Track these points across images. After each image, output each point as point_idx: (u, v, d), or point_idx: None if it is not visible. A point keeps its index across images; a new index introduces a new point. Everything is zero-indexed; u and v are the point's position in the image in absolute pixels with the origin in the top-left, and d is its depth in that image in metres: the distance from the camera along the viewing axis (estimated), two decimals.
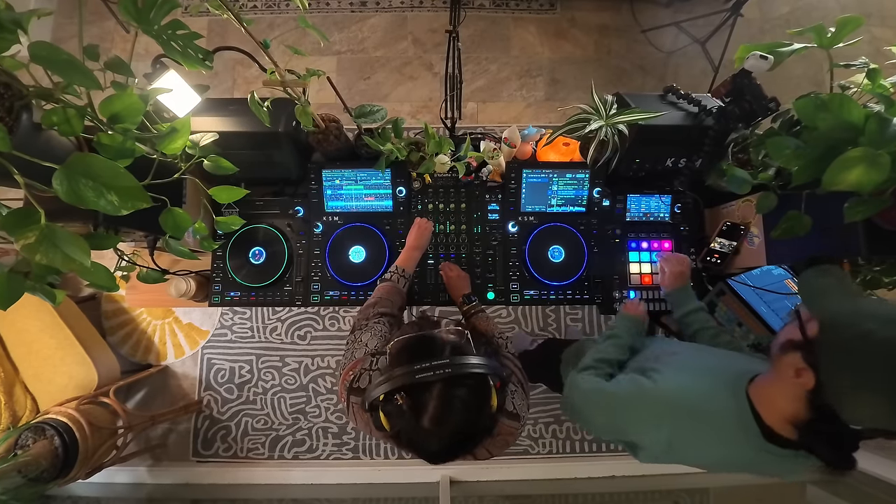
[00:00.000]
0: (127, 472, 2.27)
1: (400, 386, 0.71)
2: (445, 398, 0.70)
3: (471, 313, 1.24)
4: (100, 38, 2.70)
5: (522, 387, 0.98)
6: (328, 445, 2.35)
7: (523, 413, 0.92)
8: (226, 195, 0.99)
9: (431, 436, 0.70)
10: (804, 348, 0.71)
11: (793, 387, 0.73)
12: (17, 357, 1.95)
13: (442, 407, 0.70)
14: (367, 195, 1.44)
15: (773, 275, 1.33)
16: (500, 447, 0.89)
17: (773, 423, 0.78)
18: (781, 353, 0.76)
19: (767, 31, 2.81)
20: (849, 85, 1.04)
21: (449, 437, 0.71)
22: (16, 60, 0.70)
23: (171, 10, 0.75)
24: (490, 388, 0.74)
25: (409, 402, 0.71)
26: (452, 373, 0.71)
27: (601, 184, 1.43)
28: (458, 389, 0.71)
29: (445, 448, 0.73)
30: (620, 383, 0.98)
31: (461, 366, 0.72)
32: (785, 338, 0.77)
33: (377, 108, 1.26)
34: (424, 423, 0.69)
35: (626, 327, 1.20)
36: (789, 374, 0.73)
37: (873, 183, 0.78)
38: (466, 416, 0.72)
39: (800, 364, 0.71)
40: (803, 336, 0.72)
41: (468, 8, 2.73)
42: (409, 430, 0.71)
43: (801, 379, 0.71)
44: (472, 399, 0.72)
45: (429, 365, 0.71)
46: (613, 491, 2.25)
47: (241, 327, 2.44)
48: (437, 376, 0.70)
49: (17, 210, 0.63)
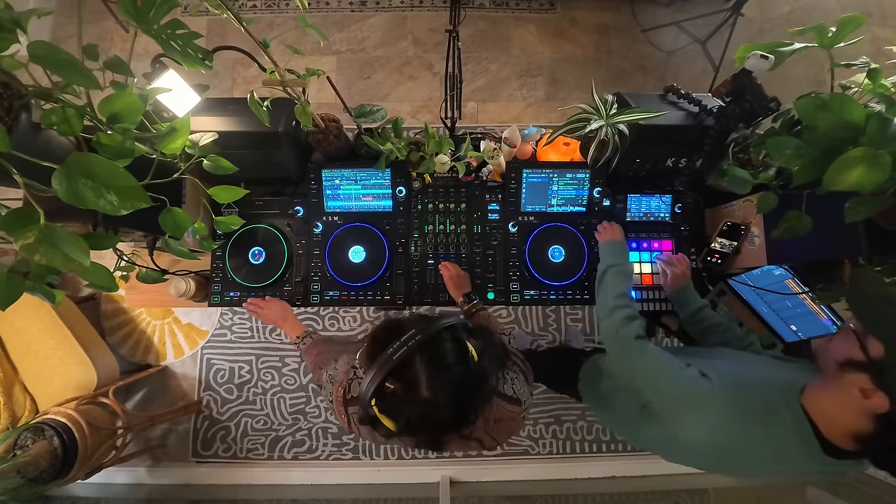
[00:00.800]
0: (126, 472, 2.27)
1: (385, 374, 0.71)
2: (430, 361, 0.72)
3: (472, 312, 1.24)
4: (99, 37, 2.70)
5: (524, 374, 0.99)
6: (328, 446, 2.35)
7: (524, 398, 0.93)
8: (225, 195, 0.99)
9: (436, 402, 0.71)
10: (871, 370, 0.69)
11: (859, 405, 0.70)
12: (17, 357, 1.94)
13: (431, 369, 0.71)
14: (367, 195, 1.44)
15: (773, 275, 1.32)
16: (505, 433, 0.90)
17: (832, 437, 0.76)
18: (842, 371, 0.73)
19: (768, 30, 2.81)
20: (850, 85, 1.04)
21: (452, 397, 0.72)
22: (15, 60, 0.69)
23: (171, 10, 0.75)
24: (463, 338, 0.77)
25: (401, 384, 0.72)
26: (423, 337, 0.73)
27: (601, 184, 1.43)
28: (438, 347, 0.73)
29: (455, 409, 0.73)
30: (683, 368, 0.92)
31: (427, 328, 0.74)
32: (844, 355, 0.74)
33: (377, 107, 1.26)
34: (423, 392, 0.70)
35: (615, 256, 1.19)
36: (854, 393, 0.70)
37: (874, 183, 0.78)
38: (457, 367, 0.73)
39: (867, 385, 0.69)
40: (866, 356, 0.70)
41: (468, 7, 2.73)
42: (414, 409, 0.72)
43: (871, 400, 0.69)
44: (453, 351, 0.74)
45: (400, 342, 0.72)
46: (614, 491, 2.25)
47: (241, 327, 2.43)
48: (411, 347, 0.72)
49: (16, 210, 0.63)
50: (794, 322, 1.39)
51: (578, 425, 2.37)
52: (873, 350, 0.69)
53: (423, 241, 1.45)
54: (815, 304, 1.30)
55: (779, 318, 1.41)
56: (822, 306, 1.30)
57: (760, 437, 0.82)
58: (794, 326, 1.39)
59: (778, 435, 0.80)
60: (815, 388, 0.80)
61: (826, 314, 1.30)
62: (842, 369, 0.73)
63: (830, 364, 0.76)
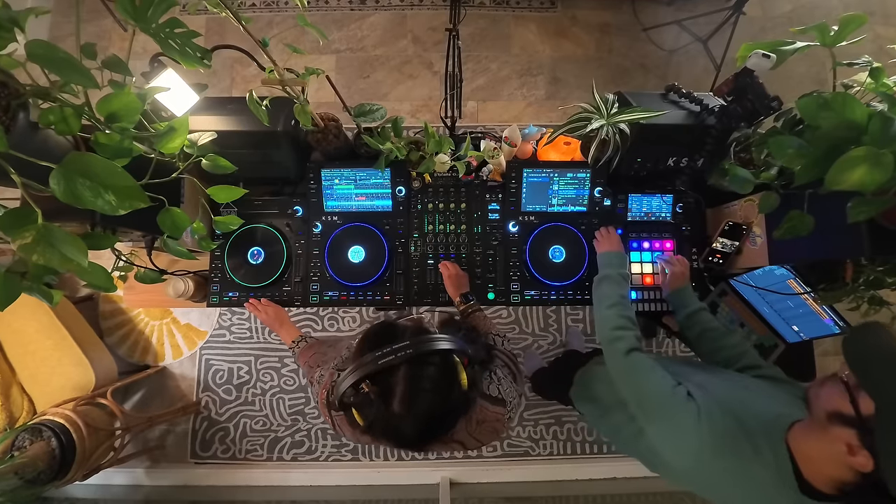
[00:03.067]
0: (124, 473, 2.26)
1: (364, 375, 0.70)
2: (412, 379, 0.70)
3: (469, 312, 1.23)
4: (97, 36, 2.68)
5: (513, 375, 0.97)
6: (327, 447, 2.34)
7: (510, 399, 0.91)
8: (224, 195, 0.99)
9: (404, 420, 0.70)
10: (859, 427, 0.67)
11: (843, 459, 0.68)
12: (14, 358, 1.94)
13: (410, 388, 0.70)
14: (367, 195, 1.44)
15: (775, 275, 1.32)
16: (489, 434, 0.88)
17: (813, 480, 0.75)
18: (829, 423, 0.71)
19: (770, 29, 2.81)
20: (852, 84, 1.03)
21: (422, 419, 0.71)
22: (12, 59, 0.69)
23: (169, 9, 0.74)
24: (456, 364, 0.74)
25: (377, 389, 0.71)
26: (415, 353, 0.71)
27: (602, 183, 1.42)
28: (424, 369, 0.72)
29: (421, 431, 0.72)
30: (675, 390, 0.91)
31: (422, 344, 0.72)
32: (831, 407, 0.71)
33: (376, 106, 1.25)
34: (395, 407, 0.69)
35: (610, 265, 1.19)
36: (839, 447, 0.68)
37: (876, 182, 0.78)
38: (436, 395, 0.72)
39: (854, 442, 0.67)
40: (856, 412, 0.67)
41: (468, 6, 2.72)
42: (382, 418, 0.71)
43: (856, 458, 0.66)
44: (439, 377, 0.73)
45: (390, 349, 0.71)
46: (614, 493, 2.24)
47: (240, 328, 2.43)
48: (399, 358, 0.70)
49: (13, 210, 0.62)
50: (796, 322, 1.38)
51: (579, 426, 2.36)
52: (863, 406, 0.66)
53: (423, 241, 1.44)
54: (817, 304, 1.30)
55: (780, 319, 1.41)
56: (823, 306, 1.30)
57: (739, 472, 0.80)
58: (796, 327, 1.39)
59: (757, 471, 0.79)
60: (803, 428, 0.79)
61: (828, 314, 1.30)
62: (830, 421, 0.71)
63: (819, 411, 0.74)
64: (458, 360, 0.75)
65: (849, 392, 0.69)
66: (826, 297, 1.24)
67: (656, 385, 0.92)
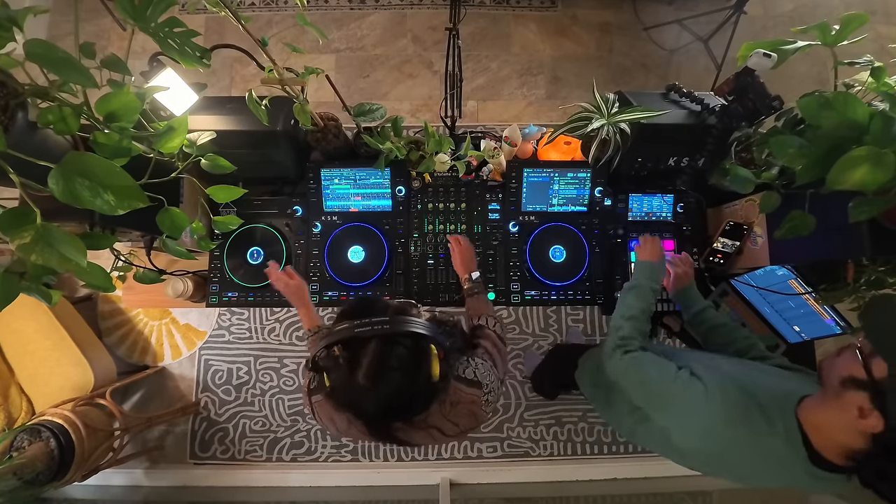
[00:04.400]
0: (123, 474, 2.25)
1: (338, 339, 0.72)
2: (381, 355, 0.71)
3: (472, 292, 1.23)
4: (96, 35, 2.68)
5: (493, 361, 0.97)
6: (327, 447, 2.34)
7: (487, 381, 0.91)
8: (223, 194, 0.99)
9: (367, 393, 0.71)
10: (871, 389, 0.69)
11: (854, 423, 0.71)
12: (13, 358, 1.93)
13: (377, 363, 0.71)
14: (366, 194, 1.43)
15: (776, 275, 1.32)
16: (467, 418, 0.88)
17: (823, 450, 0.77)
18: (842, 388, 0.74)
19: (771, 28, 2.81)
20: (853, 83, 1.03)
21: (385, 397, 0.72)
22: (11, 58, 0.70)
23: (168, 8, 0.74)
24: (429, 352, 0.75)
25: (346, 355, 0.72)
26: (390, 330, 0.72)
27: (603, 183, 1.42)
28: (396, 348, 0.72)
29: (382, 409, 0.73)
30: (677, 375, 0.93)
31: (399, 324, 0.73)
32: (846, 372, 0.74)
33: (376, 106, 1.25)
34: (359, 378, 0.70)
35: (644, 275, 1.17)
36: (851, 411, 0.71)
37: (878, 182, 0.78)
38: (402, 377, 0.72)
39: (866, 405, 0.69)
40: (869, 376, 0.70)
41: (468, 5, 2.72)
42: (345, 386, 0.72)
43: (867, 420, 0.69)
44: (409, 360, 0.73)
45: (367, 321, 0.72)
46: (615, 493, 2.24)
47: (239, 328, 2.42)
48: (374, 331, 0.71)
49: (12, 210, 0.62)
50: (797, 323, 1.38)
51: (579, 427, 2.36)
52: (876, 370, 0.70)
53: (423, 240, 1.44)
54: (818, 304, 1.30)
55: (782, 319, 1.41)
56: (825, 307, 1.29)
57: (750, 444, 0.83)
58: (798, 327, 1.39)
59: (768, 442, 0.81)
60: (813, 401, 0.81)
61: (829, 315, 1.30)
62: (843, 386, 0.74)
63: (832, 380, 0.77)
64: (431, 349, 0.76)
65: (863, 358, 0.72)
66: (827, 298, 1.24)
67: (657, 373, 0.95)
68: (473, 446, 2.33)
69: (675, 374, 0.92)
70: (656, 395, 0.96)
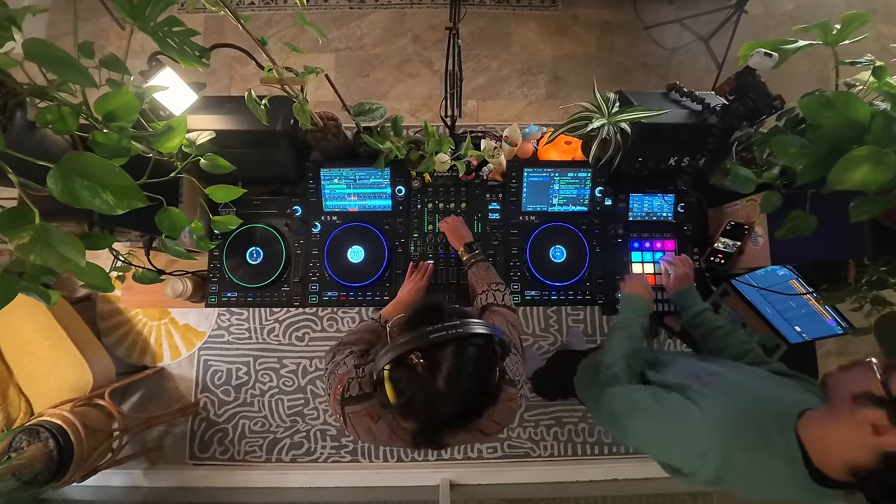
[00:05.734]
0: (122, 475, 2.25)
1: (414, 348, 0.72)
2: (459, 357, 0.72)
3: (472, 262, 1.25)
4: (95, 35, 2.67)
5: (521, 355, 1.00)
6: (326, 448, 2.33)
7: (518, 378, 0.93)
8: (223, 194, 0.98)
9: (445, 397, 0.71)
10: (889, 408, 0.67)
11: (867, 440, 0.69)
12: (11, 358, 1.92)
13: (456, 365, 0.71)
14: (366, 194, 1.43)
15: (777, 275, 1.32)
16: (505, 415, 0.90)
17: (823, 466, 0.76)
18: (856, 404, 0.71)
19: (772, 27, 2.80)
20: (854, 83, 1.03)
21: (461, 398, 0.72)
22: (10, 58, 0.69)
23: (168, 7, 0.74)
24: (496, 353, 0.77)
25: (425, 363, 0.71)
26: (465, 332, 0.73)
27: (603, 183, 1.42)
28: (470, 349, 0.73)
29: (457, 414, 0.73)
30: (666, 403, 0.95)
31: (472, 326, 0.74)
32: (860, 388, 0.72)
33: (376, 105, 1.24)
34: (439, 382, 0.70)
35: (631, 310, 1.18)
36: (864, 428, 0.69)
37: (879, 182, 0.78)
38: (477, 376, 0.73)
39: (883, 422, 0.67)
40: (887, 393, 0.68)
41: (468, 4, 2.71)
42: (424, 393, 0.71)
43: (883, 438, 0.67)
44: (482, 359, 0.74)
45: (442, 325, 0.73)
46: (615, 494, 2.24)
47: (239, 328, 2.42)
48: (450, 336, 0.72)
49: (11, 209, 0.62)
50: (798, 323, 1.38)
51: (580, 427, 2.36)
52: (895, 387, 0.68)
53: (423, 240, 1.43)
54: (819, 304, 1.30)
55: (783, 319, 1.41)
56: (826, 307, 1.29)
57: (750, 464, 0.82)
58: (799, 327, 1.39)
59: (768, 462, 0.81)
60: (817, 415, 0.80)
61: (830, 315, 1.30)
62: (856, 402, 0.71)
63: (843, 394, 0.74)
64: (497, 350, 0.77)
65: (881, 374, 0.70)
66: (828, 298, 1.24)
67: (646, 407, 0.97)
68: (473, 447, 2.33)
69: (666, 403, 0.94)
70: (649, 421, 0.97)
